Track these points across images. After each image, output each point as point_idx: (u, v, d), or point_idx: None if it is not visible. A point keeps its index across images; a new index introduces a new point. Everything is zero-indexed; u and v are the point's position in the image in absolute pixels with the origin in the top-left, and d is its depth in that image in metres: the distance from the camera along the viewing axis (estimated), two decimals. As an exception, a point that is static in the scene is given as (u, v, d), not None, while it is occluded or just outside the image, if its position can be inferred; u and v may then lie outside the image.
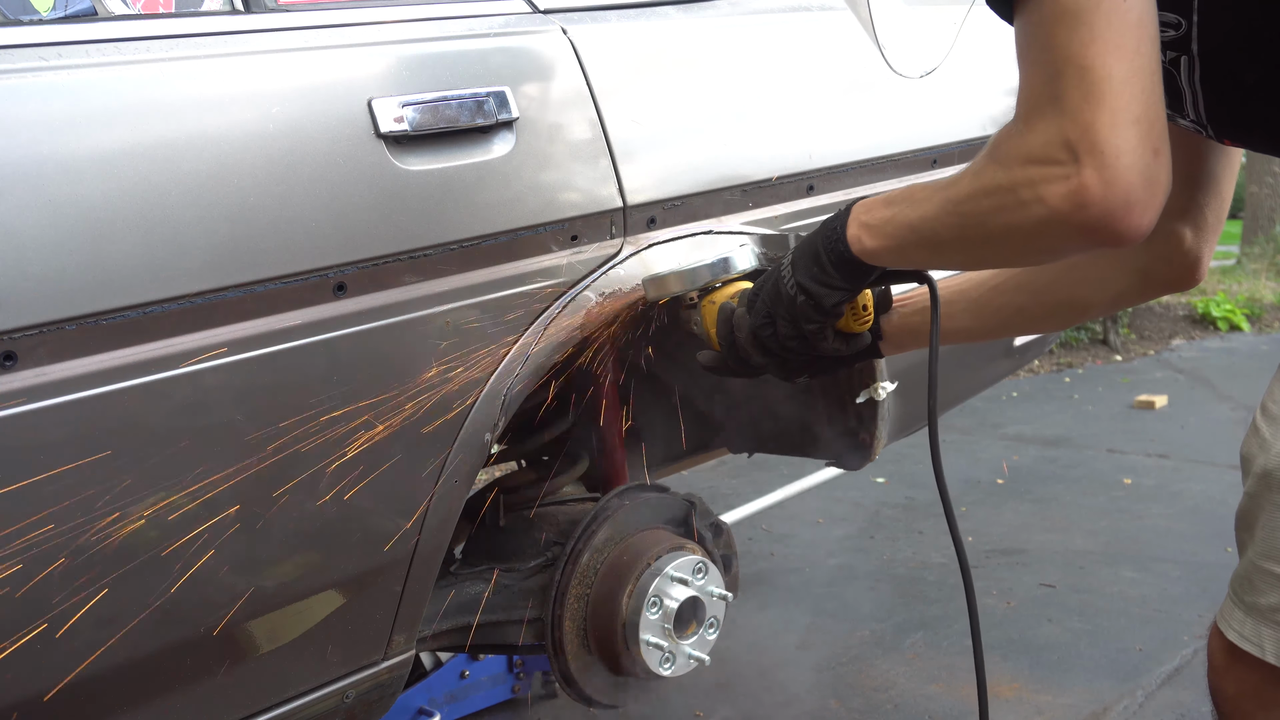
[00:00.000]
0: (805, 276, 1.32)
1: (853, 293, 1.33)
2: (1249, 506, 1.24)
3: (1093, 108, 0.96)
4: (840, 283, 1.31)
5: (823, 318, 1.34)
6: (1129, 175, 0.97)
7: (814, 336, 1.36)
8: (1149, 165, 0.98)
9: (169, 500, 1.24)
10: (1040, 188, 1.01)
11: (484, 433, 1.49)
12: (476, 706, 2.50)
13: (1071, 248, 1.09)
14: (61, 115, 1.21)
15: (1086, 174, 0.97)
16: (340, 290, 1.35)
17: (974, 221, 1.11)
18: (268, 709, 1.39)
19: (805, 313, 1.34)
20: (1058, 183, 0.99)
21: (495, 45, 1.58)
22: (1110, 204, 0.98)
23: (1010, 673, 2.71)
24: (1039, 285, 1.47)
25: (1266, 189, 9.12)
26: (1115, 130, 0.96)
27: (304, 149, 1.34)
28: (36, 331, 1.14)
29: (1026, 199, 1.03)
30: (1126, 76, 0.96)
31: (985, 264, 1.39)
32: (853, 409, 1.97)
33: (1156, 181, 0.99)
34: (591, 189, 1.61)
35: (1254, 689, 1.27)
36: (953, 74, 2.17)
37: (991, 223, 1.09)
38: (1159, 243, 1.05)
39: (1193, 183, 1.37)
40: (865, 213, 1.27)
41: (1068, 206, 1.00)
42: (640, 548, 1.72)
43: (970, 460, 4.39)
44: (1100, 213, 0.98)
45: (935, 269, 1.38)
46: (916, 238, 1.21)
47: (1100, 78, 0.96)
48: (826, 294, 1.32)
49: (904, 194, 1.24)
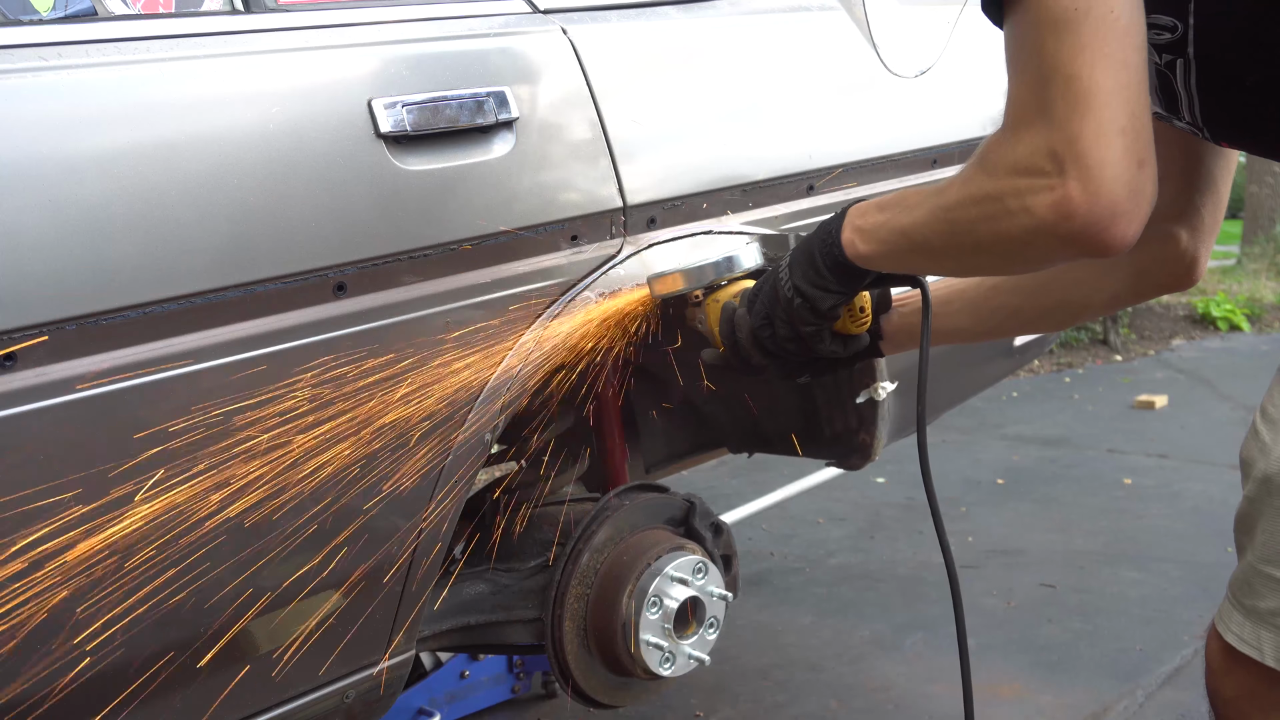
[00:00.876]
0: (801, 280, 1.33)
1: (848, 296, 1.33)
2: (1249, 510, 1.23)
3: (1079, 118, 0.97)
4: (835, 286, 1.31)
5: (819, 320, 1.35)
6: (1113, 186, 0.98)
7: (811, 339, 1.37)
8: (1134, 177, 0.98)
9: (169, 500, 1.24)
10: (1026, 198, 1.01)
11: (484, 433, 1.49)
12: (476, 706, 2.50)
13: (1057, 257, 1.09)
14: (62, 115, 1.21)
15: (1071, 185, 0.98)
16: (340, 290, 1.35)
17: (962, 229, 1.12)
18: (268, 709, 1.39)
19: (802, 315, 1.34)
20: (1043, 193, 1.00)
21: (495, 45, 1.58)
22: (1094, 215, 0.98)
23: (1010, 673, 2.71)
24: (1036, 286, 1.47)
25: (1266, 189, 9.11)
26: (1100, 141, 0.97)
27: (304, 149, 1.34)
28: (36, 331, 1.14)
29: (1013, 208, 1.03)
30: (1113, 87, 0.97)
31: (975, 271, 1.39)
32: (853, 409, 1.97)
33: (1141, 193, 0.99)
34: (591, 189, 1.61)
35: (1252, 691, 1.27)
36: (952, 74, 2.17)
37: (979, 231, 1.09)
38: (1156, 244, 1.05)
39: (1189, 184, 1.37)
40: (859, 217, 1.27)
41: (1053, 217, 1.00)
42: (640, 548, 1.72)
43: (970, 460, 4.39)
44: (1084, 223, 0.99)
45: (928, 274, 1.39)
46: (908, 243, 1.21)
47: (1087, 88, 0.96)
48: (822, 297, 1.32)
49: (897, 199, 1.24)
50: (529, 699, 2.60)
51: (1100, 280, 1.45)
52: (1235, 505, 1.26)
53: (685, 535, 1.78)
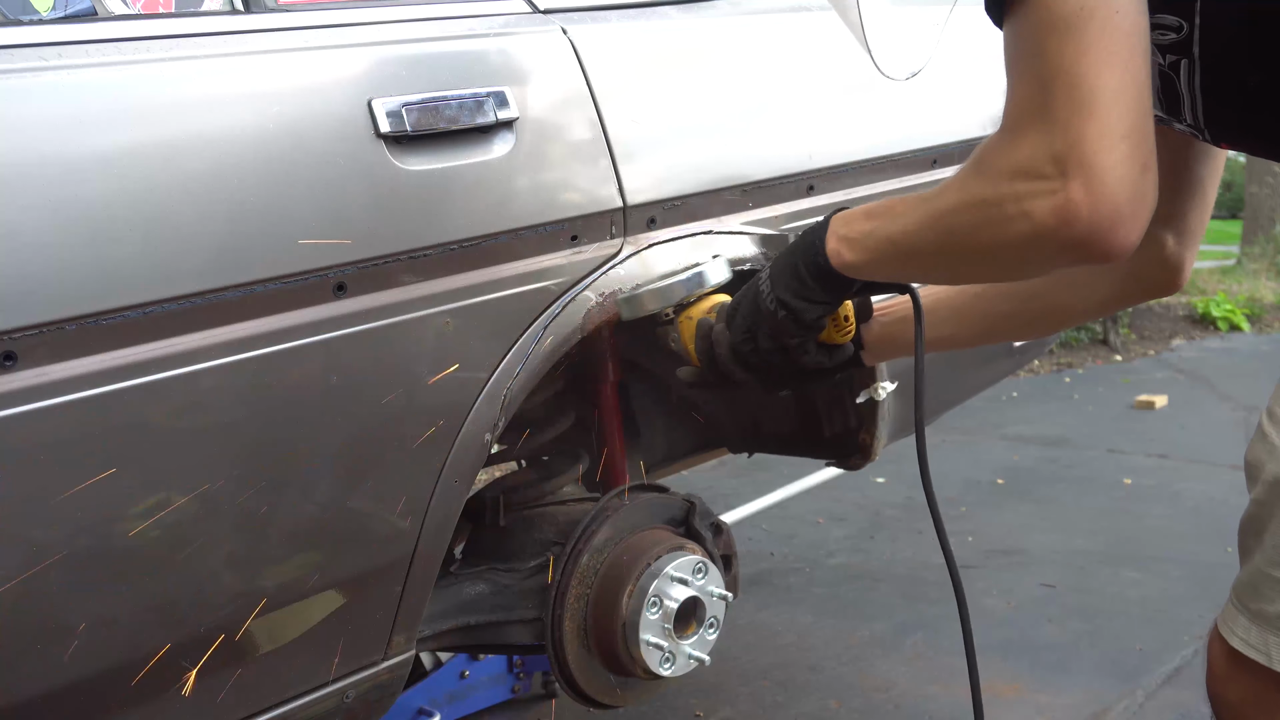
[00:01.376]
0: (785, 291, 1.31)
1: (833, 306, 1.32)
2: (1257, 514, 1.22)
3: (1082, 121, 0.95)
4: (821, 296, 1.29)
5: (804, 331, 1.33)
6: (1117, 191, 0.95)
7: (796, 350, 1.35)
8: (1137, 181, 0.96)
9: (169, 500, 1.24)
10: (1026, 203, 0.99)
11: (484, 433, 1.49)
12: (476, 706, 2.50)
13: (1057, 264, 1.07)
14: (61, 115, 1.21)
15: (1074, 189, 0.96)
16: (340, 290, 1.35)
17: (957, 236, 1.09)
18: (268, 709, 1.39)
19: (786, 327, 1.33)
20: (1044, 198, 0.97)
21: (495, 45, 1.58)
22: (1097, 220, 0.96)
23: (1010, 673, 2.71)
24: (1023, 292, 1.45)
25: (1266, 189, 9.12)
26: (1104, 145, 0.95)
27: (304, 149, 1.34)
28: (36, 331, 1.14)
29: (1012, 214, 1.01)
30: (1117, 90, 0.95)
31: (968, 278, 1.37)
32: (853, 409, 1.97)
33: (1144, 198, 0.97)
34: (591, 189, 1.61)
35: (1257, 696, 1.26)
36: (952, 74, 2.17)
37: (975, 237, 1.07)
38: (1142, 249, 1.04)
39: (1177, 189, 1.36)
40: (844, 226, 1.26)
41: (1054, 222, 0.98)
42: (640, 548, 1.72)
43: (970, 460, 4.39)
44: (1087, 229, 0.97)
45: (918, 282, 1.36)
46: (897, 251, 1.19)
47: (1091, 90, 0.94)
48: (807, 308, 1.30)
49: (884, 207, 1.22)
50: (529, 699, 2.60)
51: (1087, 286, 1.44)
52: (1236, 505, 1.26)
53: (685, 535, 1.78)
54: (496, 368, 1.49)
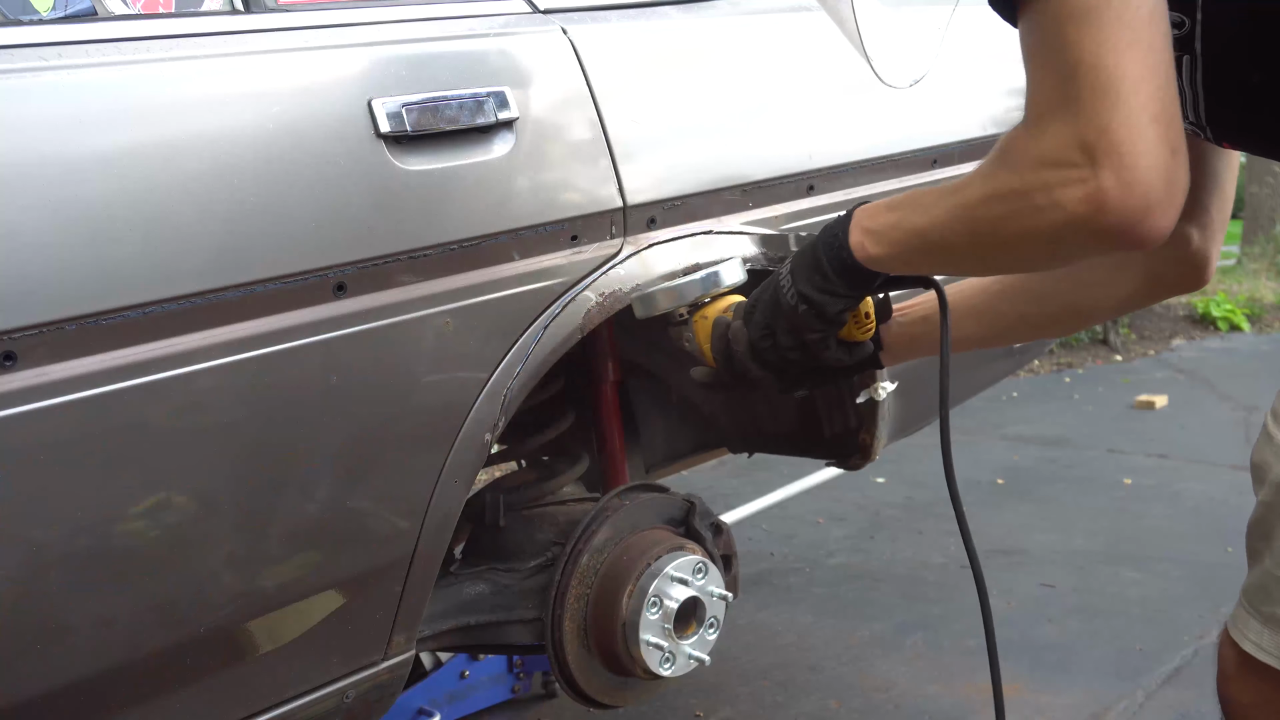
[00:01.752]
0: (807, 285, 1.29)
1: (856, 300, 1.31)
2: (1265, 516, 1.21)
3: (1109, 108, 0.94)
4: (844, 290, 1.28)
5: (825, 326, 1.32)
6: (1149, 176, 0.95)
7: (816, 346, 1.34)
8: (1168, 165, 0.95)
9: (169, 500, 1.24)
10: (1056, 192, 0.98)
11: (484, 433, 1.49)
12: (476, 706, 2.50)
13: (1090, 251, 1.07)
14: (61, 115, 1.21)
15: (1105, 176, 0.95)
16: (340, 290, 1.35)
17: (986, 227, 1.09)
18: (267, 709, 1.39)
19: (808, 322, 1.31)
20: (1074, 186, 0.97)
21: (495, 45, 1.58)
22: (1130, 206, 0.95)
23: (1010, 673, 2.71)
24: (1044, 291, 1.44)
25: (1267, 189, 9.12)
26: (1133, 130, 0.94)
27: (304, 149, 1.34)
28: (36, 331, 1.14)
29: (1042, 204, 1.00)
30: (1141, 75, 0.94)
31: (998, 269, 1.36)
32: (853, 409, 1.97)
33: (1176, 181, 0.97)
34: (591, 189, 1.61)
35: (1269, 699, 1.25)
36: (952, 74, 2.17)
37: (1005, 228, 1.06)
38: (1167, 245, 1.03)
39: (1198, 183, 1.35)
40: (868, 218, 1.24)
41: (1086, 210, 0.97)
42: (640, 548, 1.72)
43: (970, 460, 4.39)
44: (1120, 216, 0.96)
45: (943, 274, 1.34)
46: (924, 244, 1.18)
47: (1115, 77, 0.94)
48: (830, 302, 1.29)
49: (908, 199, 1.21)
50: (529, 699, 2.60)
51: (1111, 284, 1.42)
52: (1236, 505, 1.26)
53: (685, 535, 1.78)
54: (496, 367, 1.49)
